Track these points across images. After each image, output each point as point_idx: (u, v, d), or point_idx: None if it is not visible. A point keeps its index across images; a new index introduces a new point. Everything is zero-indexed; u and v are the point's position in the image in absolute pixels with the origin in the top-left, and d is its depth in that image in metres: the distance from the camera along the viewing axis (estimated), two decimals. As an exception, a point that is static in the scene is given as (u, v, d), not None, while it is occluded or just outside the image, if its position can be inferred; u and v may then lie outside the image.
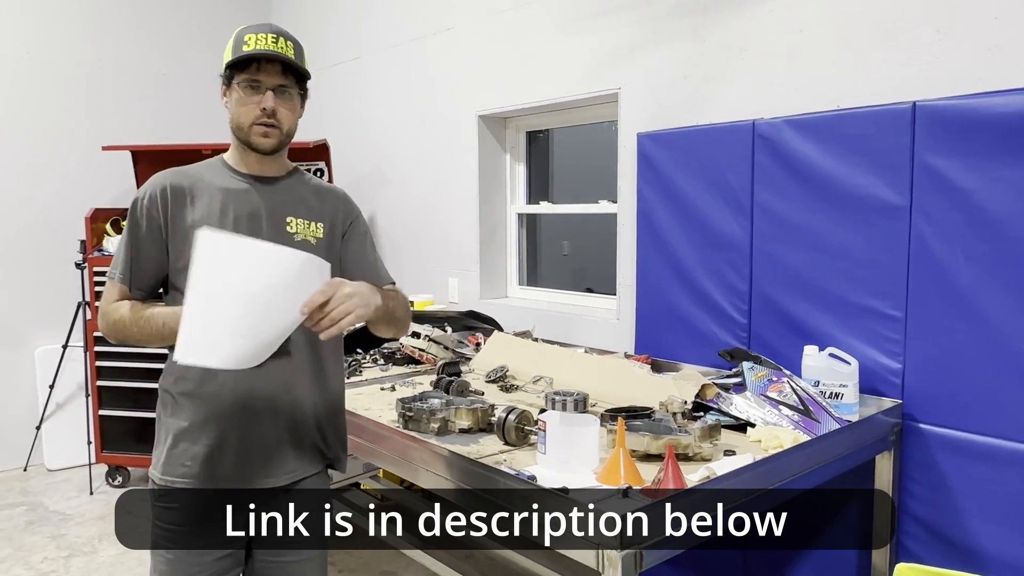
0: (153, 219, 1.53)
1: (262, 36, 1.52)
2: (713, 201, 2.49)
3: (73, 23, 4.38)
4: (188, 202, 1.54)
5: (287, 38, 1.55)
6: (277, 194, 1.61)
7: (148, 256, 1.54)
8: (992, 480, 1.92)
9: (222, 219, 1.53)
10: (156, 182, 1.56)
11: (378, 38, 4.13)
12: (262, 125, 1.53)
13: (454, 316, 3.22)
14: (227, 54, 1.54)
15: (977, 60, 1.97)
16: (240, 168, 1.60)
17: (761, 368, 2.12)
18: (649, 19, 2.75)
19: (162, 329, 1.48)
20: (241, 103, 1.53)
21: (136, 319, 1.50)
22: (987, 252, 1.91)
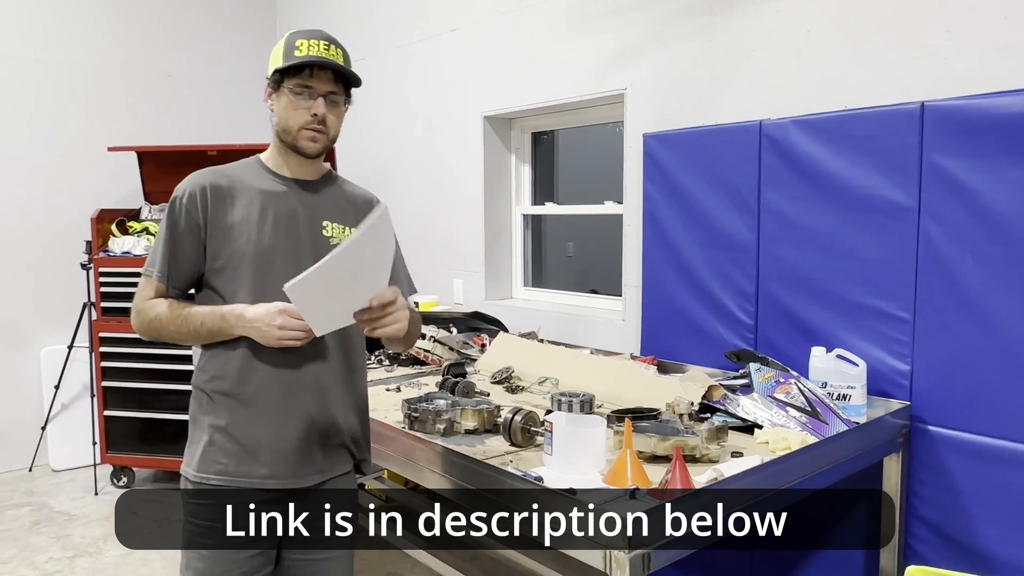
0: (192, 218, 1.54)
1: (314, 42, 1.54)
2: (720, 202, 2.48)
3: (80, 25, 4.39)
4: (228, 202, 1.55)
5: (337, 45, 1.58)
6: (314, 198, 1.64)
7: (185, 255, 1.55)
8: (1001, 482, 1.91)
9: (261, 221, 1.55)
10: (196, 181, 1.56)
11: (383, 39, 4.13)
12: (311, 130, 1.56)
13: (459, 317, 3.21)
14: (276, 57, 1.55)
15: (986, 60, 1.96)
16: (280, 170, 1.62)
17: (768, 369, 2.11)
18: (655, 20, 2.74)
19: (199, 328, 1.52)
20: (291, 107, 1.55)
21: (173, 317, 1.53)
22: (996, 253, 1.89)
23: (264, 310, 1.49)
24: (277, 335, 1.48)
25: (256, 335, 1.50)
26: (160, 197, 4.27)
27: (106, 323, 3.87)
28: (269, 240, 1.56)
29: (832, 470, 1.83)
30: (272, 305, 1.49)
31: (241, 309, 1.51)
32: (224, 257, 1.55)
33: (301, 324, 1.47)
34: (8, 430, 4.26)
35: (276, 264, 1.55)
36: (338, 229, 1.64)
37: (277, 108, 1.58)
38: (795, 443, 1.79)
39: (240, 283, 1.54)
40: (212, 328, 1.52)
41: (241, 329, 1.51)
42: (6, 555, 3.24)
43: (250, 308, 1.50)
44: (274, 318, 1.48)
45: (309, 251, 1.58)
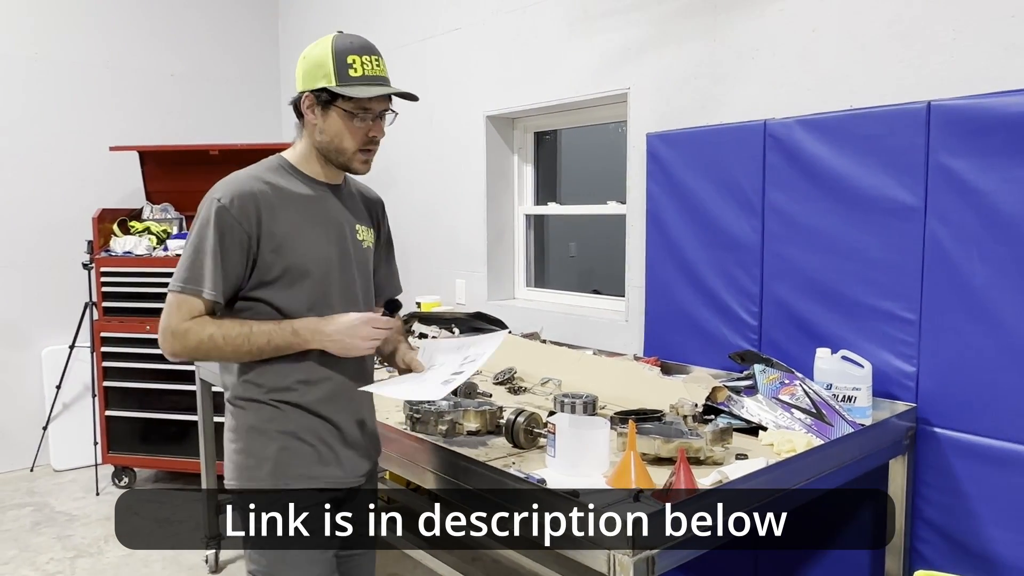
0: (243, 229, 1.47)
1: (367, 59, 1.52)
2: (723, 202, 2.47)
3: (82, 23, 4.38)
4: (277, 211, 1.50)
5: (380, 55, 1.56)
6: (345, 201, 1.63)
7: (235, 269, 1.48)
8: (1008, 485, 1.89)
9: (310, 230, 1.53)
10: (242, 189, 1.49)
11: (386, 39, 4.10)
12: (364, 151, 1.55)
13: (461, 317, 3.20)
14: (324, 70, 1.49)
15: (993, 59, 1.94)
16: (316, 176, 1.59)
17: (773, 371, 2.09)
18: (659, 19, 2.73)
19: (264, 346, 1.48)
20: (347, 130, 1.52)
21: (233, 337, 1.46)
22: (1003, 253, 1.88)
23: (347, 324, 1.50)
24: (365, 345, 1.50)
25: (335, 347, 1.50)
26: (162, 197, 4.26)
27: (107, 323, 3.86)
28: (320, 249, 1.54)
29: (837, 472, 1.81)
30: (353, 317, 1.51)
31: (317, 324, 1.50)
32: (278, 269, 1.50)
33: (382, 332, 1.52)
34: (9, 430, 4.25)
35: (330, 273, 1.55)
36: (365, 231, 1.65)
37: (325, 126, 1.53)
38: (800, 445, 1.77)
39: (297, 294, 1.51)
40: (280, 344, 1.49)
41: (318, 343, 1.49)
42: (7, 555, 3.23)
43: (329, 323, 1.50)
44: (359, 330, 1.49)
45: (353, 258, 1.60)
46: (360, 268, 1.64)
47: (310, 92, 1.52)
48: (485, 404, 2.02)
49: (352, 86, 1.49)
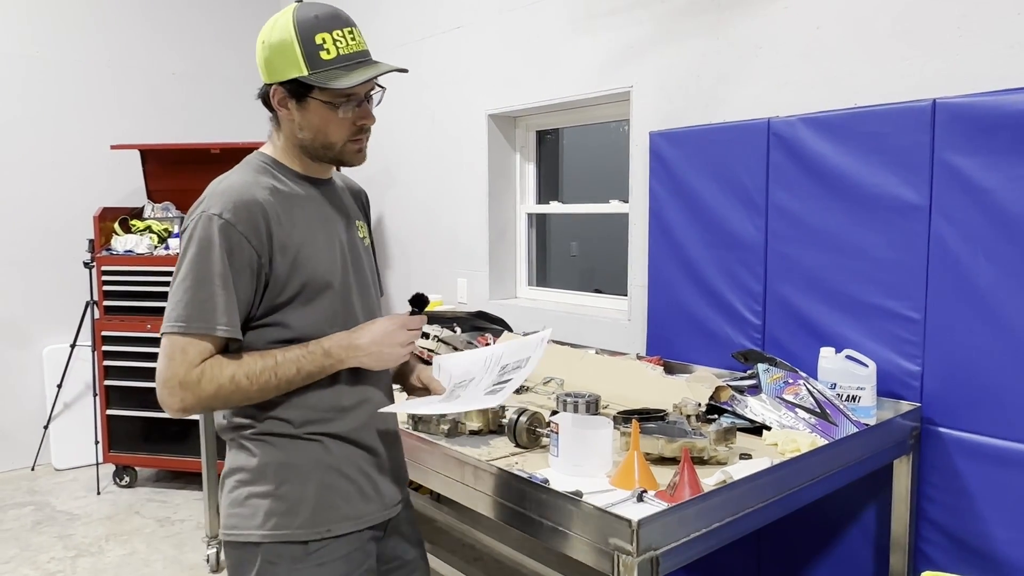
0: (252, 247, 1.24)
1: (339, 35, 1.27)
2: (727, 201, 2.46)
3: (83, 22, 4.38)
4: (283, 220, 1.29)
5: (353, 25, 1.31)
6: (339, 197, 1.45)
7: (245, 297, 1.26)
8: (1013, 485, 1.88)
9: (318, 235, 1.33)
10: (244, 199, 1.25)
11: (387, 37, 4.11)
12: (356, 141, 1.34)
13: (463, 317, 3.19)
14: (290, 56, 1.26)
15: (998, 57, 1.93)
16: (308, 172, 1.39)
17: (776, 370, 2.08)
18: (662, 17, 2.72)
19: (294, 377, 1.26)
20: (329, 120, 1.30)
21: (259, 373, 1.23)
22: (1009, 252, 1.87)
23: (383, 332, 1.29)
24: (403, 352, 1.32)
25: (372, 361, 1.30)
26: (163, 196, 4.26)
27: (109, 322, 3.85)
28: (335, 255, 1.35)
29: (841, 473, 1.80)
30: (386, 323, 1.31)
31: (349, 339, 1.29)
32: (296, 285, 1.29)
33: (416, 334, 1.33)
34: (10, 429, 4.25)
35: (347, 280, 1.36)
36: (363, 227, 1.49)
37: (304, 122, 1.31)
38: (804, 445, 1.76)
39: (315, 311, 1.31)
40: (312, 371, 1.27)
41: (354, 360, 1.29)
42: (8, 555, 3.22)
43: (361, 335, 1.30)
44: (395, 335, 1.30)
45: (362, 258, 1.43)
46: (370, 269, 1.48)
47: (278, 85, 1.29)
48: (487, 403, 2.00)
49: (328, 73, 1.26)
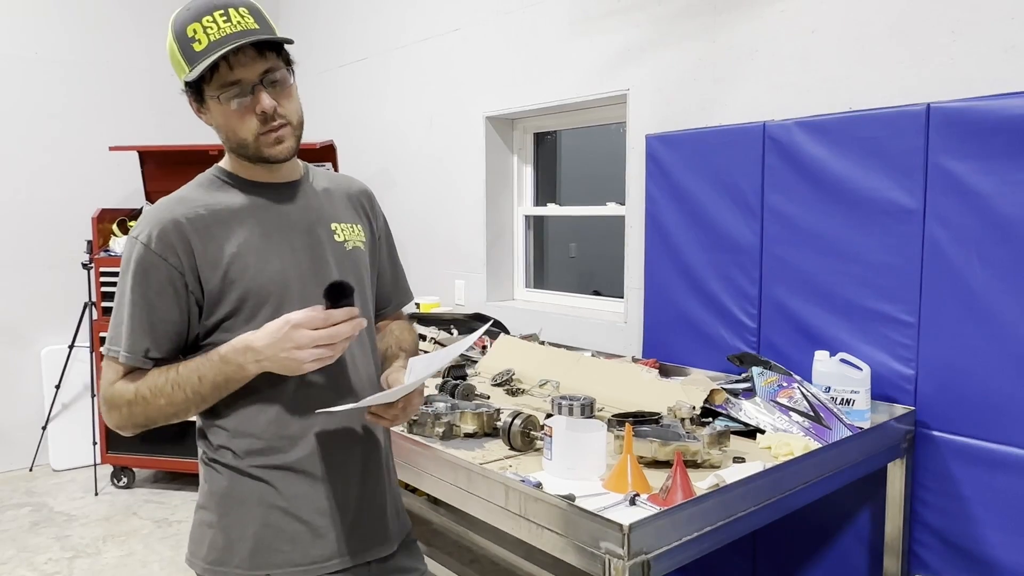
0: (171, 266, 1.19)
1: (209, 21, 1.16)
2: (723, 203, 2.46)
3: (82, 24, 4.39)
4: (215, 233, 1.22)
5: (237, 5, 1.19)
6: (310, 199, 1.34)
7: (168, 317, 1.20)
8: (1007, 489, 1.89)
9: (265, 244, 1.25)
10: (162, 217, 1.20)
11: (385, 39, 4.12)
12: (270, 132, 1.22)
13: (460, 318, 3.20)
14: (176, 62, 1.20)
15: (992, 61, 1.93)
16: (257, 178, 1.30)
17: (771, 373, 2.09)
18: (658, 20, 2.72)
19: (199, 386, 1.17)
20: (231, 117, 1.21)
21: (160, 385, 1.17)
22: (1003, 256, 1.87)
23: (272, 334, 1.14)
24: (305, 356, 1.13)
25: (278, 367, 1.16)
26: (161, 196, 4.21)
27: (107, 323, 3.84)
28: (284, 263, 1.25)
29: (836, 476, 1.81)
30: (277, 322, 1.15)
31: (244, 340, 1.17)
32: (233, 299, 1.21)
33: (323, 334, 1.13)
34: (8, 430, 4.25)
35: (298, 293, 1.25)
36: (348, 230, 1.37)
37: (214, 123, 1.24)
38: (798, 448, 1.76)
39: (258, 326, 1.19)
40: (215, 379, 1.17)
41: (255, 366, 1.16)
42: (5, 555, 3.23)
43: (256, 336, 1.16)
44: (291, 337, 1.13)
45: (333, 265, 1.31)
46: (346, 275, 1.31)
47: (184, 91, 1.24)
48: (483, 406, 2.01)
49: (198, 64, 1.16)
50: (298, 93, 1.28)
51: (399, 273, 1.59)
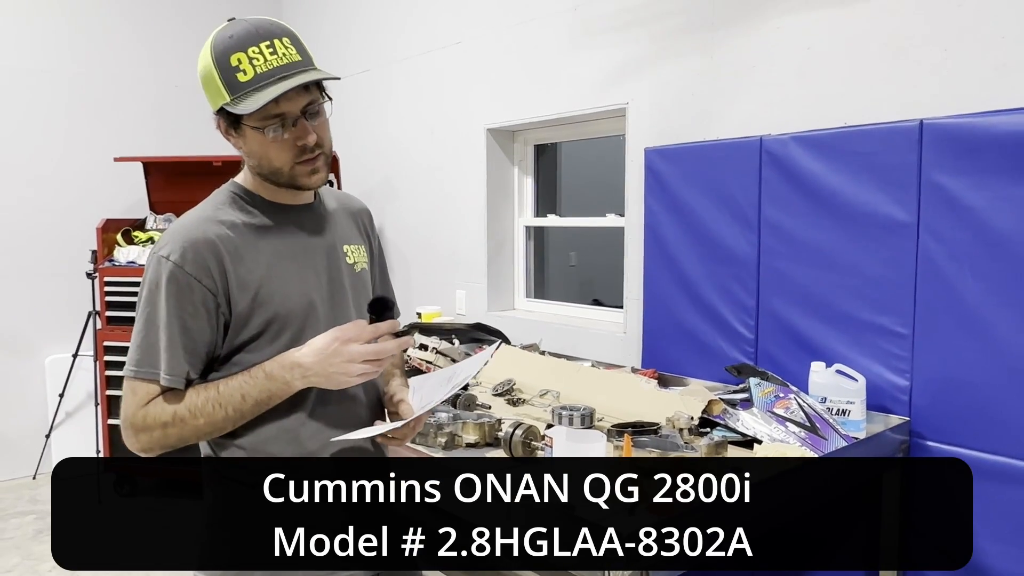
0: (204, 287, 1.19)
1: (255, 52, 1.16)
2: (720, 216, 2.50)
3: (88, 37, 4.44)
4: (242, 254, 1.23)
5: (280, 36, 1.20)
6: (323, 222, 1.36)
7: (203, 339, 1.21)
8: (1001, 499, 1.91)
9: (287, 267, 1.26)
10: (194, 238, 1.20)
11: (388, 51, 4.16)
12: (307, 163, 1.23)
13: (461, 328, 3.22)
14: (213, 86, 1.19)
15: (984, 79, 1.97)
16: (277, 199, 1.31)
17: (768, 384, 2.12)
18: (658, 36, 2.77)
19: (242, 404, 1.19)
20: (270, 146, 1.21)
21: (201, 405, 1.18)
22: (995, 269, 1.90)
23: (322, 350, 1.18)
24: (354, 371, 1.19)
25: (325, 381, 1.20)
26: (165, 207, 4.30)
27: (111, 332, 3.89)
28: (307, 287, 1.28)
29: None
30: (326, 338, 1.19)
31: (291, 357, 1.20)
32: (260, 322, 1.23)
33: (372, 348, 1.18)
34: (12, 438, 4.28)
35: (320, 315, 1.28)
36: (355, 251, 1.39)
37: (247, 149, 1.24)
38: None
39: (280, 348, 1.24)
40: (259, 397, 1.19)
41: (301, 381, 1.20)
42: (10, 563, 3.25)
43: (302, 352, 1.20)
44: (340, 352, 1.18)
45: (348, 289, 1.34)
46: (358, 298, 1.37)
47: (216, 115, 1.24)
48: (484, 416, 2.04)
49: (246, 97, 1.16)
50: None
51: (388, 288, 1.60)
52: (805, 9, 2.33)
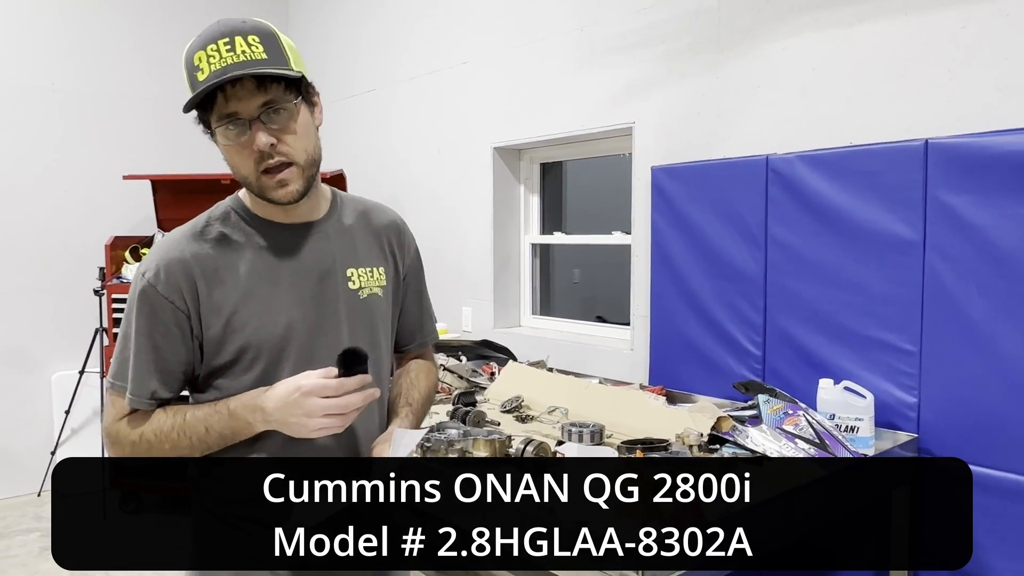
0: (176, 308, 1.16)
1: (212, 49, 1.10)
2: (727, 234, 2.52)
3: (96, 56, 4.49)
4: (222, 275, 1.19)
5: (247, 33, 1.11)
6: (326, 242, 1.28)
7: (175, 358, 1.19)
8: (1010, 515, 1.92)
9: (271, 292, 1.20)
10: (169, 256, 1.17)
11: (395, 71, 4.21)
12: (270, 173, 1.15)
13: (468, 345, 3.24)
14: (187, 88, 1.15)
15: (987, 99, 2.00)
16: (273, 217, 1.24)
17: (776, 401, 2.13)
18: (663, 56, 2.80)
19: (206, 436, 1.17)
20: (230, 151, 1.15)
21: (167, 431, 1.16)
22: (1002, 287, 1.92)
23: (283, 398, 1.13)
24: (313, 425, 1.13)
25: (285, 429, 1.15)
26: (172, 224, 4.25)
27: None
28: (287, 318, 1.21)
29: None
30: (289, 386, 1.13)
31: (255, 399, 1.16)
32: (232, 349, 1.19)
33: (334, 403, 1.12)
34: (18, 454, 4.28)
35: (302, 347, 1.22)
36: (365, 276, 1.31)
37: (222, 155, 1.19)
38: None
39: (255, 377, 1.20)
40: (222, 432, 1.16)
41: (264, 425, 1.16)
42: (15, 581, 3.24)
43: (267, 397, 1.15)
44: (301, 403, 1.12)
45: (343, 317, 1.27)
46: (356, 327, 1.29)
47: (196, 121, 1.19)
48: (495, 433, 2.05)
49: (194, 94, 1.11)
50: (317, 123, 1.22)
51: (425, 311, 1.54)
52: (810, 30, 2.37)
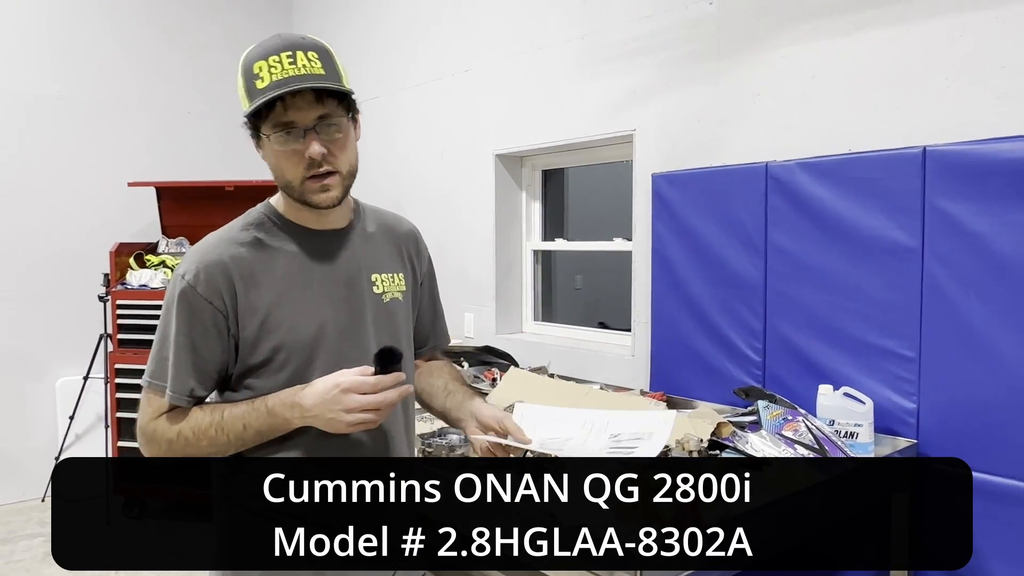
0: (215, 309, 1.22)
1: (275, 60, 1.18)
2: (727, 241, 2.53)
3: (101, 63, 4.52)
4: (257, 279, 1.24)
5: (307, 48, 1.21)
6: (354, 249, 1.34)
7: (213, 358, 1.24)
8: (1009, 520, 1.92)
9: (303, 296, 1.26)
10: (209, 258, 1.23)
11: (398, 78, 4.23)
12: (316, 178, 1.22)
13: (470, 351, 3.25)
14: (241, 97, 1.23)
15: (986, 107, 2.01)
16: (305, 223, 1.31)
17: (776, 407, 2.14)
18: (664, 64, 2.82)
19: (243, 433, 1.21)
20: (281, 157, 1.22)
21: (204, 428, 1.21)
22: (1000, 293, 1.93)
23: (322, 394, 1.18)
24: (349, 420, 1.18)
25: (323, 425, 1.20)
26: (177, 231, 4.36)
27: (122, 355, 3.92)
28: (319, 319, 1.27)
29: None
30: (328, 383, 1.19)
31: (293, 396, 1.21)
32: (266, 350, 1.24)
33: (371, 399, 1.18)
34: (22, 460, 4.29)
35: (331, 347, 1.27)
36: (388, 281, 1.37)
37: (266, 159, 1.25)
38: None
39: (286, 377, 1.25)
40: (261, 429, 1.21)
41: (301, 421, 1.21)
42: (19, 586, 3.26)
43: (305, 393, 1.20)
44: (338, 399, 1.17)
45: (369, 321, 1.32)
46: (381, 330, 1.34)
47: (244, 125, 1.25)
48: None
49: (255, 101, 1.18)
50: (354, 142, 1.29)
51: (439, 315, 1.60)
52: (810, 38, 2.38)
